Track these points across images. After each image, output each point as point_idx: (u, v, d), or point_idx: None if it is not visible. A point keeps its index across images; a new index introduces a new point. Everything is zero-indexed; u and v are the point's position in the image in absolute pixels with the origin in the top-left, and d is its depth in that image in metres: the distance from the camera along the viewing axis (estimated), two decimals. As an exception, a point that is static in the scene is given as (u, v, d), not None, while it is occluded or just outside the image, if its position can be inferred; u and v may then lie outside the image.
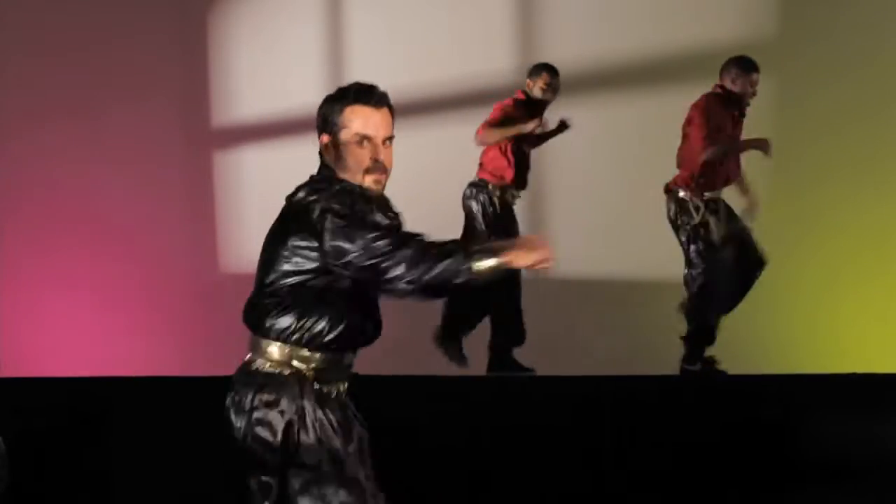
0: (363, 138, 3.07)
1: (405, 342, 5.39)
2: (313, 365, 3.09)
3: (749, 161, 6.43)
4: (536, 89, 6.44)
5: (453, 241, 2.92)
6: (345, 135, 3.09)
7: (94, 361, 7.39)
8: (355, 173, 3.08)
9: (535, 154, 6.65)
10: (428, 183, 6.71)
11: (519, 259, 2.87)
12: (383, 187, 3.11)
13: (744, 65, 6.05)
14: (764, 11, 7.41)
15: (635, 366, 6.28)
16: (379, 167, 3.08)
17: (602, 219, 7.28)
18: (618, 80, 7.44)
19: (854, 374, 5.67)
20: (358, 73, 7.85)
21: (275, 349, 3.12)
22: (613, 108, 7.33)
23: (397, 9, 7.93)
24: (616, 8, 7.58)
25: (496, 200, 6.44)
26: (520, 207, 6.65)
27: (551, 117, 6.48)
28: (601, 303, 7.27)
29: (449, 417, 5.34)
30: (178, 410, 5.78)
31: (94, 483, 5.77)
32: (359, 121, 3.08)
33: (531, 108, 6.40)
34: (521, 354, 6.52)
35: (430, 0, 7.93)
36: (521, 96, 6.45)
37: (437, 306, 6.32)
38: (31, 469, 5.50)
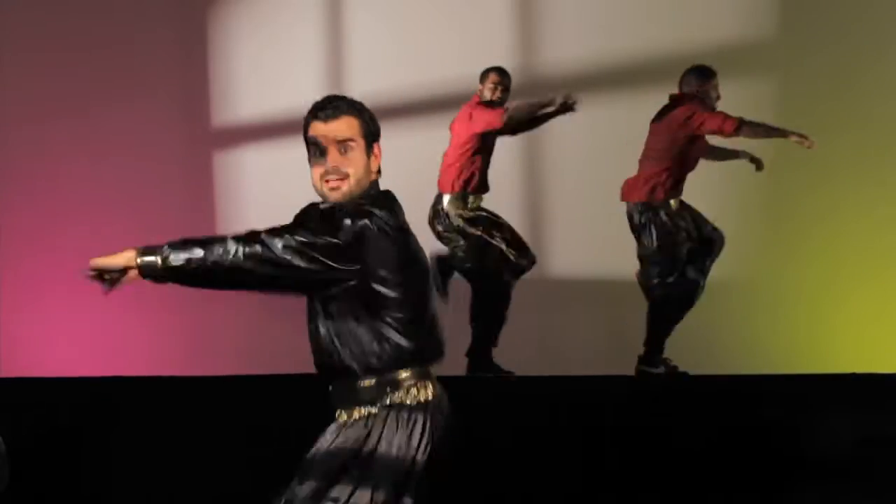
0: (316, 147, 3.07)
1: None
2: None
3: (748, 162, 6.44)
4: (486, 91, 6.44)
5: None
6: (308, 151, 3.11)
7: (95, 361, 7.39)
8: (316, 183, 3.08)
9: (535, 154, 6.65)
10: (428, 182, 6.70)
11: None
12: (343, 194, 3.04)
13: (702, 73, 6.14)
14: (764, 11, 7.41)
15: (634, 366, 6.28)
16: (332, 173, 3.05)
17: (601, 219, 7.27)
18: (617, 81, 7.44)
19: (854, 374, 5.67)
20: (358, 73, 7.87)
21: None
22: (613, 109, 7.33)
23: (397, 9, 7.93)
24: (616, 8, 7.57)
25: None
26: (520, 208, 6.65)
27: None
28: (600, 303, 7.27)
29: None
30: (178, 410, 5.78)
31: (95, 483, 5.77)
32: (312, 132, 3.09)
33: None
34: (520, 354, 6.51)
35: (430, 0, 7.93)
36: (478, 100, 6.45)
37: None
38: (31, 469, 5.51)
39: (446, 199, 6.39)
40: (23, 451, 4.64)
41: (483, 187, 6.45)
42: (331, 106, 3.11)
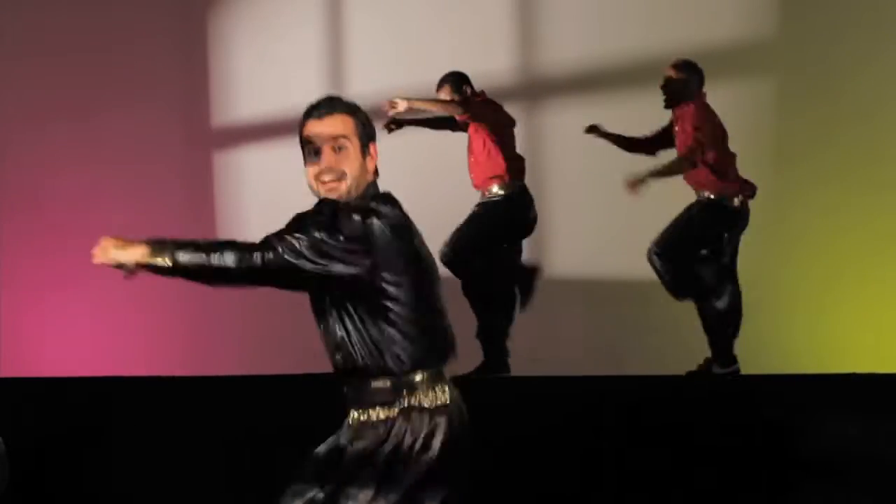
0: (310, 147, 3.06)
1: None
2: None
3: (748, 162, 6.43)
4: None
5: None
6: (303, 152, 3.10)
7: (94, 361, 7.39)
8: (311, 183, 3.07)
9: (535, 154, 6.65)
10: (428, 182, 6.71)
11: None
12: (341, 195, 3.02)
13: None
14: (764, 11, 7.41)
15: (635, 366, 6.29)
16: (327, 173, 3.03)
17: (602, 219, 7.28)
18: (617, 80, 7.44)
19: (854, 374, 5.66)
20: (358, 73, 7.87)
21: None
22: (613, 108, 7.32)
23: (397, 9, 7.93)
24: (615, 8, 7.57)
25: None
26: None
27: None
28: (600, 303, 7.27)
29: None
30: (178, 410, 5.78)
31: (94, 483, 5.77)
32: (306, 132, 3.08)
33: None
34: (520, 354, 6.51)
35: (430, 0, 7.93)
36: None
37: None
38: (31, 469, 5.51)
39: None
40: (23, 451, 4.64)
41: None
42: (325, 104, 3.10)
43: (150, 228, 8.48)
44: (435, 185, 7.00)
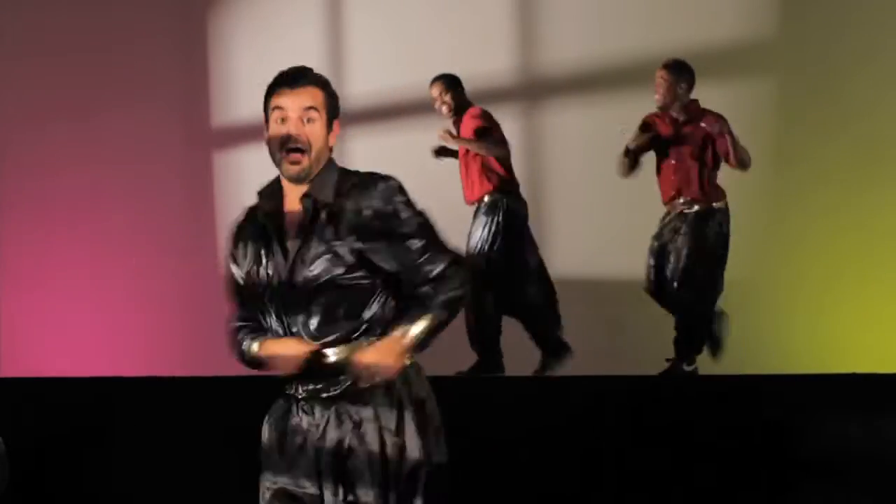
0: (278, 113, 3.01)
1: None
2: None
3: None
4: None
5: None
6: (270, 118, 3.05)
7: (94, 361, 7.39)
8: (274, 154, 3.03)
9: (535, 154, 6.65)
10: (427, 183, 6.70)
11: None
12: (303, 169, 2.99)
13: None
14: (764, 11, 7.41)
15: (635, 366, 6.28)
16: (294, 142, 2.99)
17: (601, 219, 7.28)
18: (617, 80, 7.44)
19: (854, 374, 5.66)
20: (358, 73, 7.87)
21: None
22: (613, 108, 7.32)
23: (397, 9, 7.93)
24: (615, 8, 7.57)
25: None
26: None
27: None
28: (600, 303, 7.27)
29: (447, 417, 5.34)
30: (178, 410, 5.78)
31: (94, 483, 5.77)
32: (276, 100, 3.04)
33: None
34: (519, 354, 6.52)
35: (430, 0, 7.93)
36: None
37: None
38: (31, 469, 5.51)
39: None
40: (23, 451, 4.64)
41: None
42: (298, 74, 3.07)
43: (151, 228, 8.51)
44: (438, 185, 7.00)
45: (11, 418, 5.35)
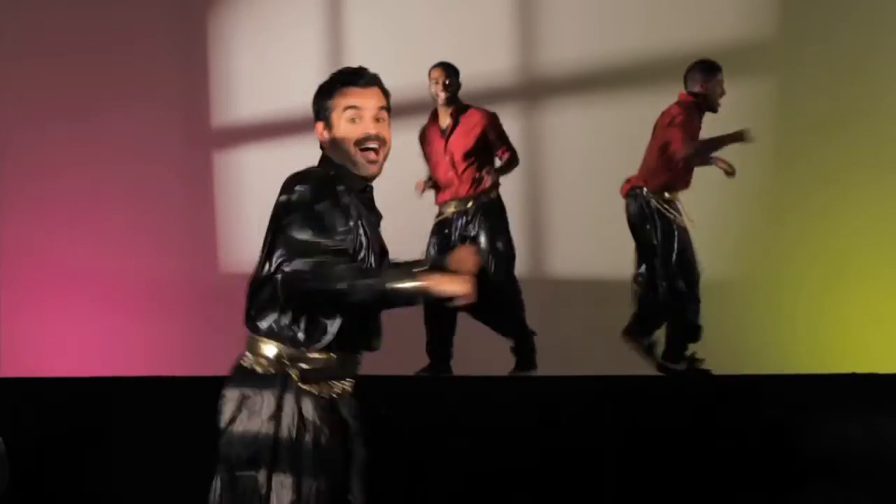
0: (352, 112, 3.04)
1: (404, 343, 5.38)
2: (302, 366, 3.03)
3: (748, 162, 6.43)
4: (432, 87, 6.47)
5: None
6: (335, 116, 3.07)
7: (94, 361, 7.39)
8: (348, 152, 3.04)
9: (535, 154, 6.65)
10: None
11: (440, 286, 2.86)
12: (379, 167, 3.05)
13: (707, 69, 6.10)
14: (764, 11, 7.41)
15: (634, 366, 6.28)
16: (371, 139, 3.03)
17: (601, 219, 7.27)
18: (617, 80, 7.44)
19: (854, 374, 5.66)
20: (358, 73, 7.87)
21: (265, 346, 3.10)
22: (613, 108, 7.33)
23: (397, 9, 7.93)
24: (615, 8, 7.58)
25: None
26: (519, 208, 6.62)
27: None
28: (600, 303, 7.27)
29: (447, 417, 5.34)
30: (178, 410, 5.77)
31: (94, 483, 5.77)
32: (348, 99, 3.07)
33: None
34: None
35: (430, 0, 7.93)
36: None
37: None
38: (32, 469, 5.50)
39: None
40: (23, 451, 4.64)
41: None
42: (367, 75, 3.15)
43: (151, 228, 8.51)
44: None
45: (11, 418, 5.35)
